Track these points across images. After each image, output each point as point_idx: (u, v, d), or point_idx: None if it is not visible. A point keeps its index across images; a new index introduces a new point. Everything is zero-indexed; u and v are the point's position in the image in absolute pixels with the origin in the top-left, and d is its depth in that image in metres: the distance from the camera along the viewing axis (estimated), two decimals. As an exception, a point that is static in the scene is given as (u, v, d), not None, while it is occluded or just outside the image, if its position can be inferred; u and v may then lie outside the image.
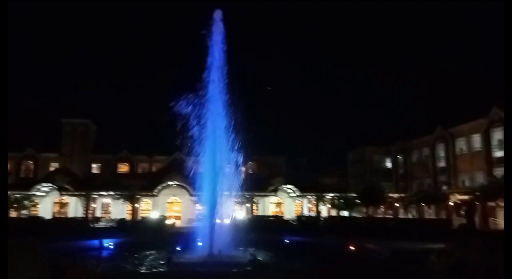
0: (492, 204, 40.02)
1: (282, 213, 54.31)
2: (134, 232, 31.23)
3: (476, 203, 40.25)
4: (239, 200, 50.71)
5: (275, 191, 54.06)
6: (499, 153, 44.93)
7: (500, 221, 41.58)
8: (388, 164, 68.17)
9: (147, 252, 18.57)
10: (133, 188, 48.94)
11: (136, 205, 49.45)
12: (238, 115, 18.76)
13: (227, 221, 19.59)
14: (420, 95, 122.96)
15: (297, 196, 54.12)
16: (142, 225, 38.08)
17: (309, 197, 55.19)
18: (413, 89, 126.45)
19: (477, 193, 39.06)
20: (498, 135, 45.21)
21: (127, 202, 49.34)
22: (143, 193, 50.00)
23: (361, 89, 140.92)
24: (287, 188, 53.75)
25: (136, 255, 17.81)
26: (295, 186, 53.45)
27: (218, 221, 17.58)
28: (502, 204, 39.23)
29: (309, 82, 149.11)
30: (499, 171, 43.14)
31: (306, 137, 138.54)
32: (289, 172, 66.26)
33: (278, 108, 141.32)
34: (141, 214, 49.52)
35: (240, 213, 49.37)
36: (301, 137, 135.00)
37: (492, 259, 7.04)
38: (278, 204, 56.69)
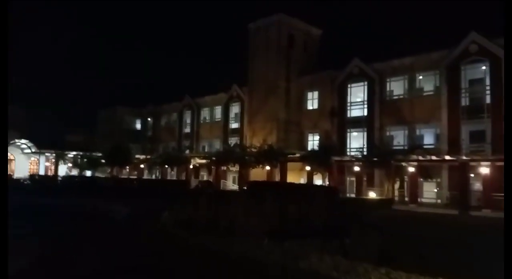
0: (224, 168, 46.45)
1: (12, 172, 47.38)
2: None
3: (212, 166, 45.77)
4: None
5: (5, 146, 46.36)
6: (234, 125, 52.19)
7: (228, 183, 48.85)
8: (138, 126, 69.03)
9: None
10: None
11: None
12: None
13: None
14: (175, 63, 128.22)
15: (33, 152, 48.16)
16: None
17: (48, 154, 50.03)
18: (170, 57, 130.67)
19: (213, 158, 44.42)
20: (235, 109, 52.34)
21: None
22: None
23: (117, 50, 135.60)
24: (21, 143, 47.02)
25: None
26: (32, 141, 47.34)
27: None
28: (232, 168, 46.11)
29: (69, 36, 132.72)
30: (232, 140, 50.23)
31: (54, 88, 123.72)
32: (28, 125, 58.12)
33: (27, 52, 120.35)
34: None
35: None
36: (48, 87, 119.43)
37: (214, 213, 8.22)
38: (9, 161, 49.12)
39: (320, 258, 4.57)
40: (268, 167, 40.27)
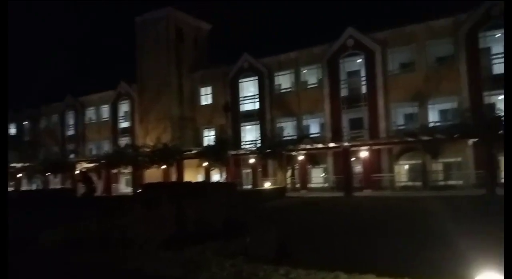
0: (115, 171, 43.78)
1: None
2: None
3: (102, 170, 42.80)
4: None
5: None
6: (124, 124, 49.45)
7: (120, 186, 46.25)
8: (13, 131, 61.41)
9: None
10: None
11: None
12: None
13: None
14: (54, 61, 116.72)
15: None
16: None
17: None
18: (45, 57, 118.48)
19: (103, 161, 41.60)
20: (124, 107, 49.58)
21: None
22: None
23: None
24: None
25: None
26: None
27: None
28: (124, 170, 43.72)
29: None
30: (123, 140, 47.59)
31: None
32: None
33: None
34: None
35: None
36: None
37: (104, 226, 7.55)
38: None
39: (221, 265, 4.40)
40: (164, 166, 39.09)
